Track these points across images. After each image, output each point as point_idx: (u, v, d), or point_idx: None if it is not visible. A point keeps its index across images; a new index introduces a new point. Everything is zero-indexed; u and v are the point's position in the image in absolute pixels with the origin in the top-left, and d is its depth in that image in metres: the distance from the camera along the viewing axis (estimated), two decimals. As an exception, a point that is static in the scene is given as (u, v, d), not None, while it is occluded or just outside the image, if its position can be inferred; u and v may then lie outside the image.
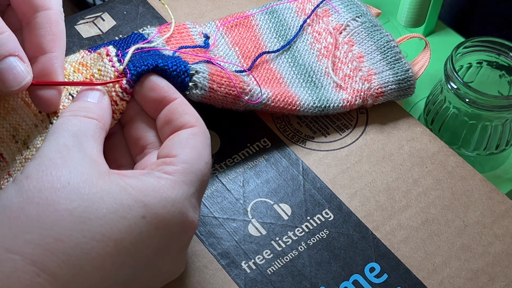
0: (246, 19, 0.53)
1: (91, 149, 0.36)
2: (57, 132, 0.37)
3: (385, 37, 0.51)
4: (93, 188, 0.34)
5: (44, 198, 0.33)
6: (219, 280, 0.41)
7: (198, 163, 0.37)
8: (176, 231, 0.35)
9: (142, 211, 0.34)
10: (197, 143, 0.38)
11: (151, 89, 0.40)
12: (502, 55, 0.54)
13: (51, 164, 0.34)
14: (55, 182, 0.33)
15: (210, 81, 0.44)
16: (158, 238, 0.34)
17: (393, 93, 0.50)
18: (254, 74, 0.50)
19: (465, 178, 0.47)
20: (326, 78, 0.51)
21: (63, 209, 0.33)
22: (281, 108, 0.47)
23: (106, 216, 0.33)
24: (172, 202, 0.35)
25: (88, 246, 0.32)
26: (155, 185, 0.35)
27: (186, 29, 0.51)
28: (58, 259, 0.32)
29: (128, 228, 0.33)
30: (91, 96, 0.40)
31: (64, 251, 0.32)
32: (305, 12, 0.54)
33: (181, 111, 0.39)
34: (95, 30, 0.53)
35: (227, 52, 0.51)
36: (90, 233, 0.32)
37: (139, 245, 0.34)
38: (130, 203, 0.34)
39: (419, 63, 0.52)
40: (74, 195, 0.33)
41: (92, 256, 0.32)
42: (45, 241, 0.32)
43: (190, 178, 0.36)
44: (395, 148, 0.49)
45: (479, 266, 0.43)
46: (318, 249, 0.43)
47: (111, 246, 0.33)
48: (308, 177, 0.46)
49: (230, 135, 0.48)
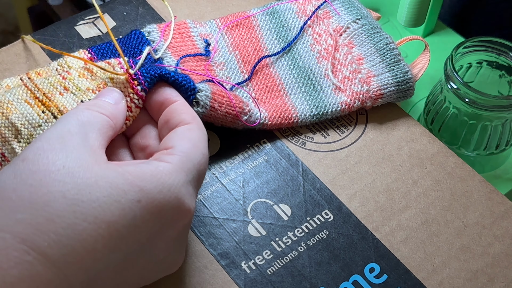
0: (247, 19, 0.53)
1: (94, 140, 0.37)
2: (65, 118, 0.37)
3: (385, 39, 0.51)
4: (87, 173, 0.34)
5: (37, 180, 0.33)
6: (219, 280, 0.41)
7: (194, 153, 0.37)
8: (171, 217, 0.36)
9: (138, 195, 0.34)
10: (193, 136, 0.38)
11: (154, 91, 0.42)
12: (502, 55, 0.54)
13: (49, 148, 0.35)
14: (50, 165, 0.34)
15: (212, 100, 0.44)
16: (152, 222, 0.35)
17: (392, 95, 0.50)
18: (254, 82, 0.50)
19: (464, 179, 0.47)
20: (326, 80, 0.51)
21: (56, 190, 0.33)
22: (279, 124, 0.48)
23: (99, 199, 0.33)
24: (169, 187, 0.35)
25: (80, 227, 0.32)
26: (153, 170, 0.35)
27: (186, 28, 0.51)
28: (49, 239, 0.32)
29: (121, 211, 0.33)
30: (110, 97, 0.41)
31: (55, 231, 0.32)
32: (306, 13, 0.54)
33: (180, 110, 0.40)
34: (95, 30, 0.54)
35: (227, 57, 0.51)
36: (82, 214, 0.33)
37: (132, 228, 0.34)
38: (125, 187, 0.34)
39: (418, 65, 0.52)
40: (68, 178, 0.33)
41: (83, 237, 0.32)
42: (36, 221, 0.32)
43: (188, 166, 0.37)
44: (395, 149, 0.49)
45: (478, 266, 0.43)
46: (318, 250, 0.43)
47: (104, 228, 0.33)
48: (307, 178, 0.46)
49: (230, 136, 0.48)
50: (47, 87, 0.43)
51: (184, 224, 0.37)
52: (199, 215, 0.44)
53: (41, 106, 0.42)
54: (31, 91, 0.43)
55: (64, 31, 0.53)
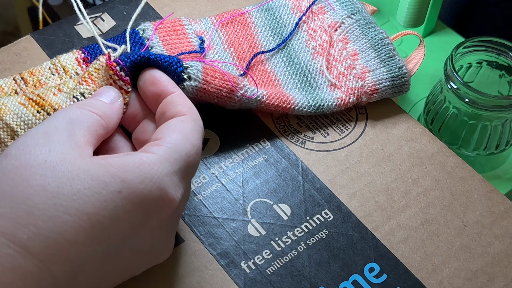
0: (241, 16, 0.53)
1: (81, 136, 0.37)
2: (54, 116, 0.37)
3: (379, 34, 0.51)
4: (69, 167, 0.34)
5: (18, 174, 0.33)
6: (218, 280, 0.41)
7: (183, 144, 0.37)
8: (154, 207, 0.36)
9: (119, 186, 0.34)
10: (184, 127, 0.38)
11: (151, 84, 0.41)
12: (502, 55, 0.54)
13: (33, 143, 0.35)
14: (32, 159, 0.34)
15: (203, 73, 0.44)
16: (134, 213, 0.35)
17: (388, 90, 0.50)
18: (249, 76, 0.50)
19: (464, 179, 0.47)
20: (321, 77, 0.51)
21: (36, 184, 0.33)
22: (276, 106, 0.48)
23: (80, 191, 0.33)
24: (151, 177, 0.35)
25: (61, 220, 0.33)
26: (135, 161, 0.35)
27: (181, 26, 0.51)
28: (29, 231, 0.32)
29: (103, 203, 0.33)
30: (105, 96, 0.41)
31: (35, 223, 0.32)
32: (301, 9, 0.54)
33: (176, 102, 0.40)
34: (95, 30, 0.53)
35: (222, 54, 0.51)
36: (63, 207, 0.33)
37: (114, 219, 0.34)
38: (106, 179, 0.34)
39: (413, 60, 0.52)
40: (49, 171, 0.33)
41: (64, 229, 0.33)
42: (16, 214, 0.32)
43: (173, 157, 0.37)
44: (395, 148, 0.49)
45: (478, 266, 0.43)
46: (317, 249, 0.43)
47: (85, 220, 0.33)
48: (307, 178, 0.46)
49: (229, 135, 0.48)
50: (41, 90, 0.43)
51: (168, 214, 0.37)
52: (199, 215, 0.44)
53: (35, 106, 0.42)
54: (26, 95, 0.43)
55: (64, 30, 0.53)
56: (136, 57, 0.42)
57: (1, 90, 0.46)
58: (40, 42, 0.52)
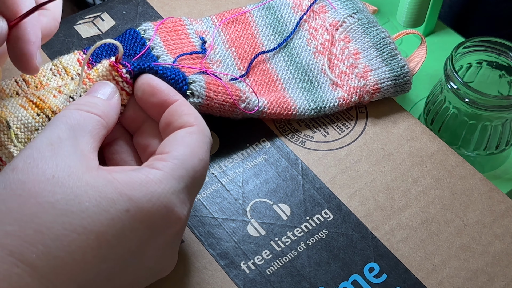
0: (242, 15, 0.53)
1: (85, 144, 0.36)
2: (54, 123, 0.37)
3: (381, 33, 0.51)
4: (77, 182, 0.34)
5: (26, 190, 0.33)
6: (218, 280, 0.41)
7: (190, 160, 0.37)
8: (161, 225, 0.35)
9: (126, 205, 0.34)
10: (192, 140, 0.38)
11: (152, 94, 0.40)
12: (502, 55, 0.54)
13: (39, 156, 0.34)
14: (40, 174, 0.33)
15: (206, 89, 0.44)
16: (141, 231, 0.34)
17: (389, 89, 0.50)
18: (251, 78, 0.50)
19: (464, 178, 0.47)
20: (323, 76, 0.51)
21: (45, 201, 0.33)
22: (278, 114, 0.48)
23: (88, 209, 0.33)
24: (158, 196, 0.35)
25: (69, 239, 0.32)
26: (142, 179, 0.35)
27: (182, 26, 0.51)
28: (38, 251, 0.32)
29: (110, 221, 0.33)
30: (102, 92, 0.40)
31: (44, 242, 0.32)
32: (302, 8, 0.54)
33: (180, 112, 0.39)
34: (95, 30, 0.53)
35: (223, 54, 0.51)
36: (72, 225, 0.32)
37: (121, 238, 0.34)
38: (114, 196, 0.34)
39: (415, 59, 0.52)
40: (58, 188, 0.33)
41: (72, 249, 0.32)
42: (24, 233, 0.32)
43: (180, 173, 0.36)
44: (395, 147, 0.48)
45: (478, 265, 0.43)
46: (317, 249, 0.43)
47: (93, 239, 0.33)
48: (307, 177, 0.46)
49: (229, 135, 0.48)
50: (41, 92, 0.43)
51: (174, 231, 0.37)
52: (198, 215, 0.44)
53: (35, 109, 0.42)
54: (26, 97, 0.43)
55: (63, 30, 0.53)
56: (145, 67, 0.41)
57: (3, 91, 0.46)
58: (39, 42, 0.52)
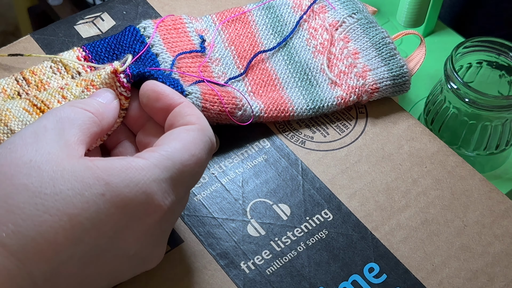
0: (242, 15, 0.53)
1: (72, 135, 0.37)
2: (45, 115, 0.37)
3: (380, 33, 0.52)
4: (54, 167, 0.34)
5: (3, 173, 0.34)
6: (218, 280, 0.41)
7: (179, 153, 0.37)
8: (139, 211, 0.35)
9: (102, 189, 0.34)
10: (188, 137, 0.38)
11: (156, 100, 0.41)
12: (502, 55, 0.54)
13: (21, 142, 0.35)
14: (17, 158, 0.34)
15: (202, 100, 0.45)
16: (117, 216, 0.35)
17: (388, 89, 0.50)
18: (250, 77, 0.50)
19: (464, 178, 0.47)
20: (322, 75, 0.51)
21: (19, 183, 0.33)
22: (275, 117, 0.48)
23: (62, 192, 0.33)
24: (137, 182, 0.35)
25: (40, 219, 0.33)
26: (123, 165, 0.35)
27: (182, 24, 0.51)
28: (7, 229, 0.32)
29: (85, 204, 0.33)
30: (102, 97, 0.40)
31: (15, 222, 0.32)
32: (302, 8, 0.54)
33: (184, 113, 0.39)
34: (95, 30, 0.53)
35: (223, 53, 0.51)
36: (44, 207, 0.33)
37: (96, 221, 0.34)
38: (91, 181, 0.34)
39: (414, 59, 0.53)
40: (33, 171, 0.34)
41: (44, 229, 0.33)
42: None
43: (165, 164, 0.36)
44: (395, 148, 0.49)
45: (478, 266, 0.43)
46: (317, 250, 0.43)
47: (65, 220, 0.33)
48: (307, 177, 0.46)
49: (229, 135, 0.48)
50: (45, 96, 0.43)
51: (155, 220, 0.36)
52: (198, 215, 0.44)
53: (40, 113, 0.42)
54: (30, 100, 0.43)
55: (63, 30, 0.53)
56: (145, 72, 0.41)
57: (4, 92, 0.46)
58: (40, 42, 0.52)
